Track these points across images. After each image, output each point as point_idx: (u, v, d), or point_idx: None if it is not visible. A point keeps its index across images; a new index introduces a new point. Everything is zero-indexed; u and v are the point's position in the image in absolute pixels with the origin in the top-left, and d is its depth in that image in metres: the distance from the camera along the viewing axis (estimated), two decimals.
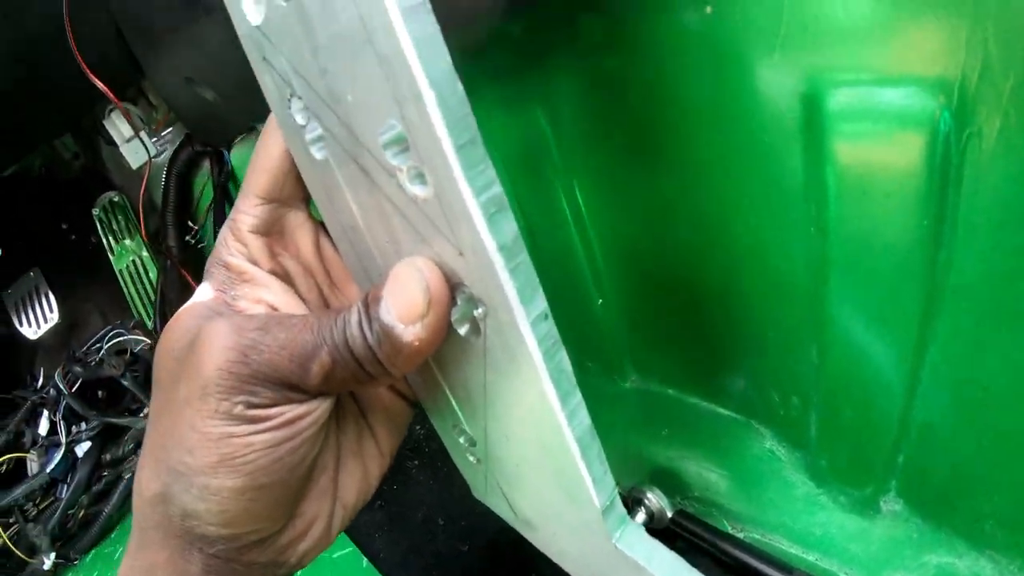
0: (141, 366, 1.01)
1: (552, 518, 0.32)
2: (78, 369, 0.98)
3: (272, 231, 0.30)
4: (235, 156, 1.07)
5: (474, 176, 0.20)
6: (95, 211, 1.14)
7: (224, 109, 0.79)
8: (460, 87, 0.20)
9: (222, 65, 0.69)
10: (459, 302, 0.24)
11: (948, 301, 0.37)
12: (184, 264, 1.12)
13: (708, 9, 0.36)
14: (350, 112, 0.23)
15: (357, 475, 0.33)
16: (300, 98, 0.25)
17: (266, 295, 0.30)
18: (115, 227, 1.15)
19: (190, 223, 1.10)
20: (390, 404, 0.34)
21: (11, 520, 0.99)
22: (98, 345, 1.03)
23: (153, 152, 0.98)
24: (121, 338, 1.01)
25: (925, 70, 0.31)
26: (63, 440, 0.96)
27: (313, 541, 0.31)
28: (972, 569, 0.45)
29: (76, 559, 0.97)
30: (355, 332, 0.24)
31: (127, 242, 1.16)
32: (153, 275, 1.17)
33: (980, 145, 0.32)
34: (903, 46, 0.32)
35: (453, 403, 0.30)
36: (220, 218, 1.08)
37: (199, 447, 0.25)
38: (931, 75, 0.31)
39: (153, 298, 1.16)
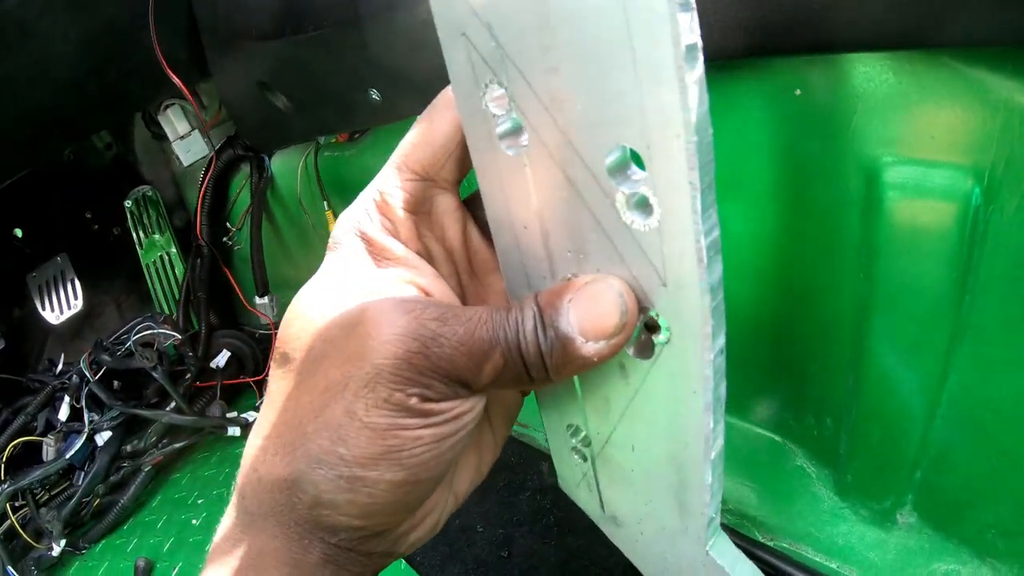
0: (165, 361, 1.09)
1: (646, 519, 0.35)
2: (106, 357, 1.07)
3: (420, 210, 0.31)
4: (276, 163, 1.19)
5: (706, 219, 0.22)
6: (127, 203, 1.24)
7: (292, 118, 0.90)
8: (711, 131, 0.21)
9: (306, 77, 0.80)
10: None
11: (968, 338, 0.50)
12: (215, 263, 1.22)
13: (797, 92, 0.49)
14: (574, 121, 0.24)
15: (472, 464, 0.34)
16: (504, 88, 0.25)
17: (418, 278, 0.29)
18: (146, 221, 1.25)
19: (228, 224, 1.20)
20: (509, 395, 0.35)
21: (17, 503, 1.06)
22: (124, 336, 1.11)
23: (209, 150, 1.08)
24: (150, 331, 1.10)
25: (964, 159, 0.45)
26: (86, 427, 1.04)
27: (426, 530, 0.31)
28: (974, 575, 0.57)
29: (85, 548, 1.04)
30: (529, 337, 0.25)
31: (156, 237, 1.26)
32: (179, 271, 1.26)
33: (1002, 217, 0.45)
34: (949, 139, 0.45)
35: (582, 407, 0.32)
36: (258, 222, 1.19)
37: (358, 437, 0.25)
38: (968, 162, 0.45)
39: (178, 295, 1.25)
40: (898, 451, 0.57)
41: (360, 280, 0.29)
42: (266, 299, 1.22)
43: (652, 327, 0.26)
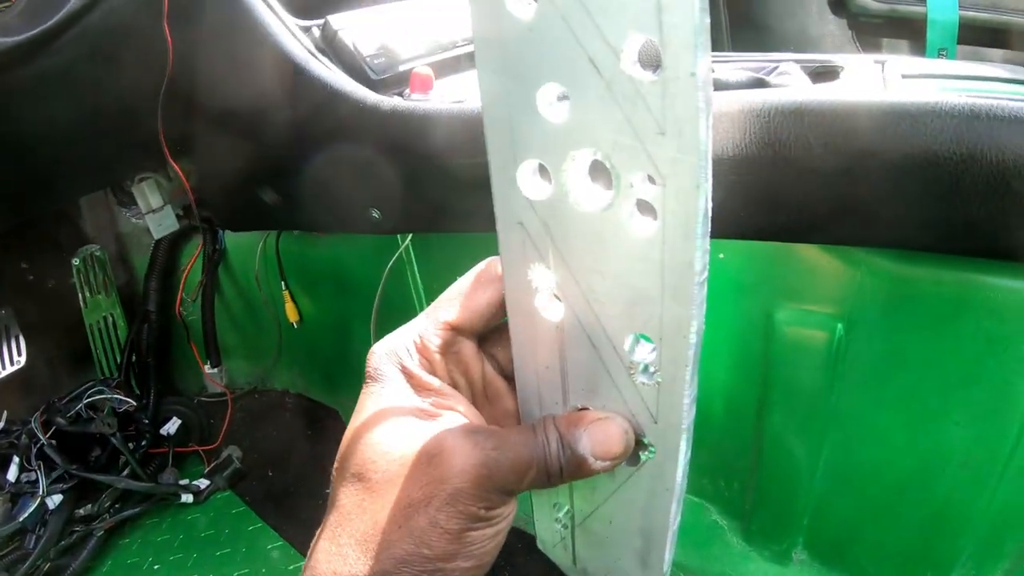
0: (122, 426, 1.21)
1: (613, 573, 0.45)
2: (60, 420, 1.17)
3: (449, 352, 0.40)
4: (228, 237, 1.35)
5: (692, 386, 0.33)
6: (75, 261, 1.35)
7: (276, 210, 1.08)
8: (703, 333, 0.32)
9: (309, 185, 0.99)
10: None
11: (835, 422, 0.76)
12: (163, 330, 1.35)
13: (721, 256, 0.75)
14: (606, 310, 0.33)
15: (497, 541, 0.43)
16: (550, 271, 0.34)
17: (455, 405, 0.39)
18: (92, 280, 1.36)
19: (183, 295, 1.34)
20: None
21: None
22: (76, 399, 1.22)
23: (177, 225, 1.23)
24: (103, 396, 1.21)
25: (833, 305, 0.72)
26: (42, 490, 1.14)
27: None
28: None
29: None
30: (554, 456, 0.36)
31: (101, 297, 1.37)
32: (122, 333, 1.38)
33: (856, 342, 0.72)
34: (821, 292, 0.72)
35: (571, 492, 0.43)
36: (211, 294, 1.34)
37: (439, 540, 0.34)
38: (835, 308, 0.71)
39: (119, 357, 1.37)
40: (790, 504, 0.83)
41: (414, 407, 0.38)
42: (216, 370, 1.36)
43: (640, 446, 0.37)
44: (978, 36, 1.82)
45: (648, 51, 0.27)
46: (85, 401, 1.21)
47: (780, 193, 0.63)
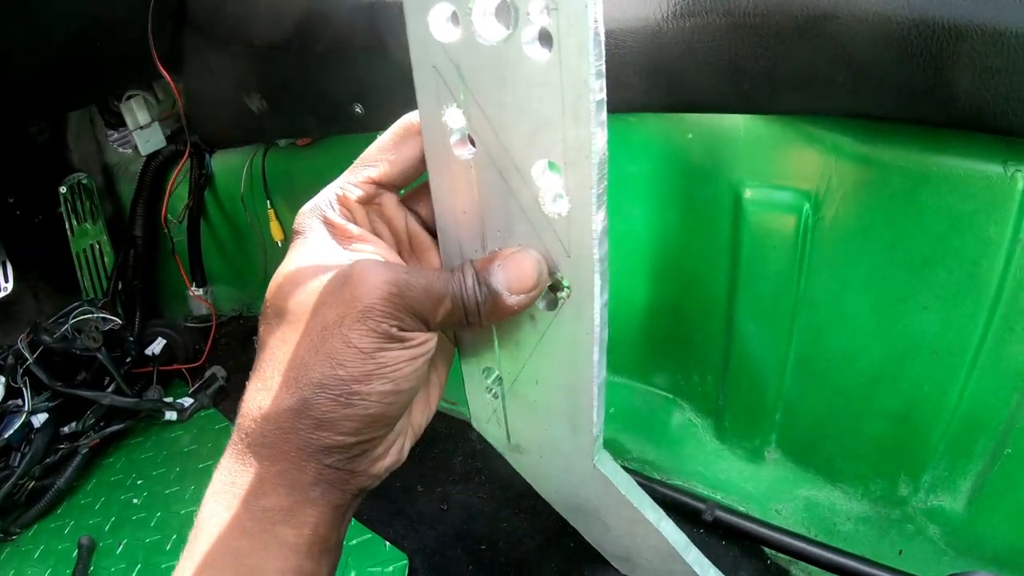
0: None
1: (545, 444, 0.49)
2: (46, 338, 1.21)
3: (371, 204, 0.43)
4: (216, 161, 1.39)
5: (598, 212, 0.36)
6: (62, 189, 1.39)
7: (263, 120, 1.11)
8: (607, 155, 0.35)
9: (296, 87, 1.02)
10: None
11: (803, 307, 0.78)
12: (150, 254, 1.39)
13: (689, 136, 0.77)
14: (513, 140, 0.36)
15: (424, 400, 0.47)
16: (461, 109, 0.37)
17: (378, 250, 0.42)
18: (79, 208, 1.40)
19: (169, 217, 1.38)
20: (447, 344, 0.48)
21: None
22: (62, 319, 1.26)
23: (164, 143, 1.27)
24: (90, 315, 1.25)
25: (799, 184, 0.73)
26: (26, 407, 1.18)
27: (394, 457, 0.43)
28: (829, 499, 0.85)
29: (16, 533, 1.18)
30: (469, 291, 0.38)
31: (88, 225, 1.42)
32: (109, 261, 1.42)
33: (823, 224, 0.74)
34: (789, 171, 0.74)
35: (497, 351, 0.45)
36: (197, 217, 1.37)
37: (354, 360, 0.36)
38: (802, 187, 0.73)
39: (106, 284, 1.41)
40: (762, 398, 0.86)
41: (334, 251, 0.40)
42: (202, 290, 1.40)
43: (556, 287, 0.40)
44: None
45: None
46: (72, 321, 1.25)
47: (741, 60, 0.65)
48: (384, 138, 0.43)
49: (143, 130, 1.27)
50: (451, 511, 1.00)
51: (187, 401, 1.31)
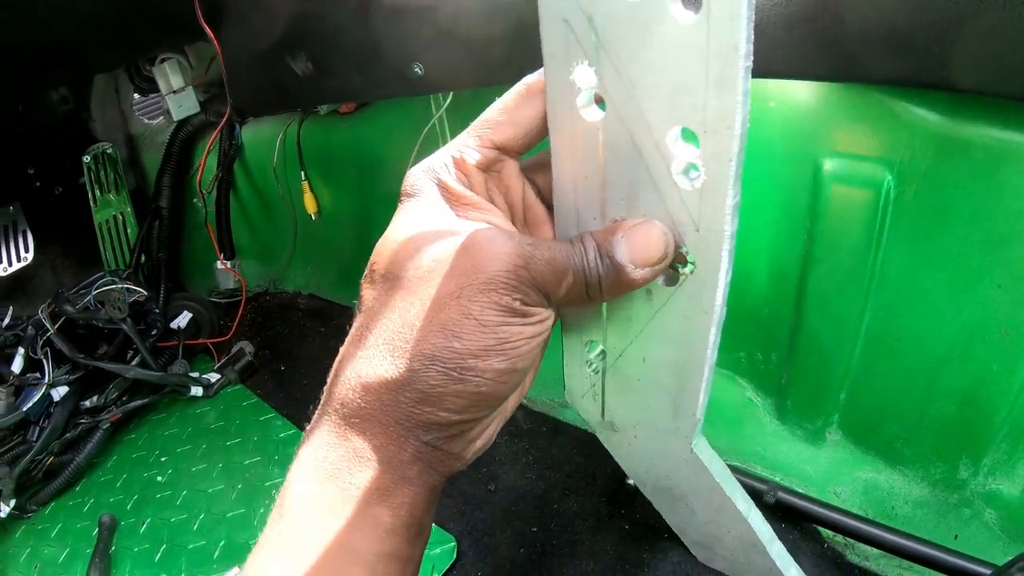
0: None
1: (642, 423, 0.47)
2: (69, 308, 1.21)
3: (490, 170, 0.42)
4: (246, 132, 1.39)
5: (735, 188, 0.34)
6: (86, 159, 1.40)
7: (307, 83, 1.10)
8: (748, 127, 0.33)
9: (346, 44, 1.00)
10: None
11: (877, 284, 0.78)
12: (175, 226, 1.39)
13: (771, 104, 0.77)
14: (650, 103, 0.35)
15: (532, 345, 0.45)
16: (593, 68, 0.36)
17: (491, 219, 0.40)
18: (103, 179, 1.40)
19: (199, 189, 1.38)
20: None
21: None
22: (84, 290, 1.25)
23: (198, 109, 1.26)
24: (114, 286, 1.25)
25: (881, 157, 0.73)
26: (47, 379, 1.18)
27: (485, 440, 0.42)
28: (888, 481, 0.86)
29: (33, 511, 1.17)
30: (592, 264, 0.37)
31: (112, 196, 1.42)
32: (132, 232, 1.42)
33: (903, 198, 0.73)
34: (871, 143, 0.74)
35: (605, 325, 0.44)
36: (227, 189, 1.37)
37: (472, 332, 0.35)
38: (884, 160, 0.73)
39: (128, 256, 1.41)
40: (827, 377, 0.85)
41: (450, 217, 0.39)
42: (231, 262, 1.39)
43: (679, 261, 0.38)
44: None
45: None
46: (95, 292, 1.25)
47: (835, 24, 0.65)
48: (506, 98, 0.42)
49: (176, 94, 1.27)
50: (498, 492, 1.00)
51: (214, 376, 1.31)
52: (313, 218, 1.33)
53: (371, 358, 0.37)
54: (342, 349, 0.39)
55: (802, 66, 0.68)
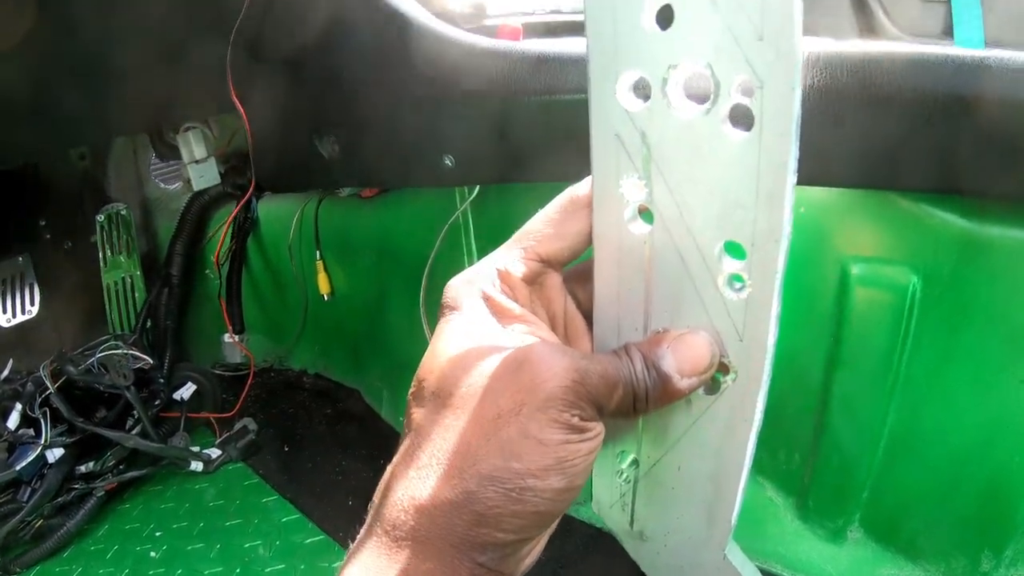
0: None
1: (673, 532, 0.47)
2: (71, 368, 1.22)
3: (534, 283, 0.43)
4: (262, 206, 1.44)
5: (778, 299, 0.36)
6: (100, 218, 1.44)
7: (333, 165, 1.16)
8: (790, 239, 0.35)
9: (378, 131, 1.07)
10: None
11: (901, 382, 0.83)
12: (185, 295, 1.42)
13: (802, 209, 0.84)
14: (698, 218, 0.37)
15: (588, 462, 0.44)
16: (643, 182, 0.38)
17: (537, 331, 0.41)
18: (115, 239, 1.44)
19: (215, 260, 1.43)
20: None
21: None
22: (88, 352, 1.27)
23: (219, 180, 1.32)
24: (119, 351, 1.27)
25: (908, 261, 0.80)
26: (43, 439, 1.18)
27: (534, 557, 0.41)
28: None
29: (16, 572, 1.16)
30: (639, 376, 0.38)
31: (122, 258, 1.45)
32: (140, 296, 1.45)
33: (928, 298, 0.80)
34: (897, 247, 0.80)
35: (639, 433, 0.45)
36: (240, 262, 1.42)
37: (532, 452, 0.35)
38: (910, 264, 0.80)
39: (134, 320, 1.43)
40: (850, 476, 0.90)
41: (498, 332, 0.40)
42: (239, 336, 1.42)
43: (722, 370, 0.40)
44: None
45: None
46: (99, 355, 1.27)
47: (871, 137, 0.72)
48: (549, 211, 0.43)
49: (198, 164, 1.32)
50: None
51: (215, 452, 1.32)
52: (326, 299, 1.37)
53: (425, 478, 0.37)
54: (390, 468, 0.39)
55: (829, 173, 0.75)
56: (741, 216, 0.36)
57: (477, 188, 1.10)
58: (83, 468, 1.22)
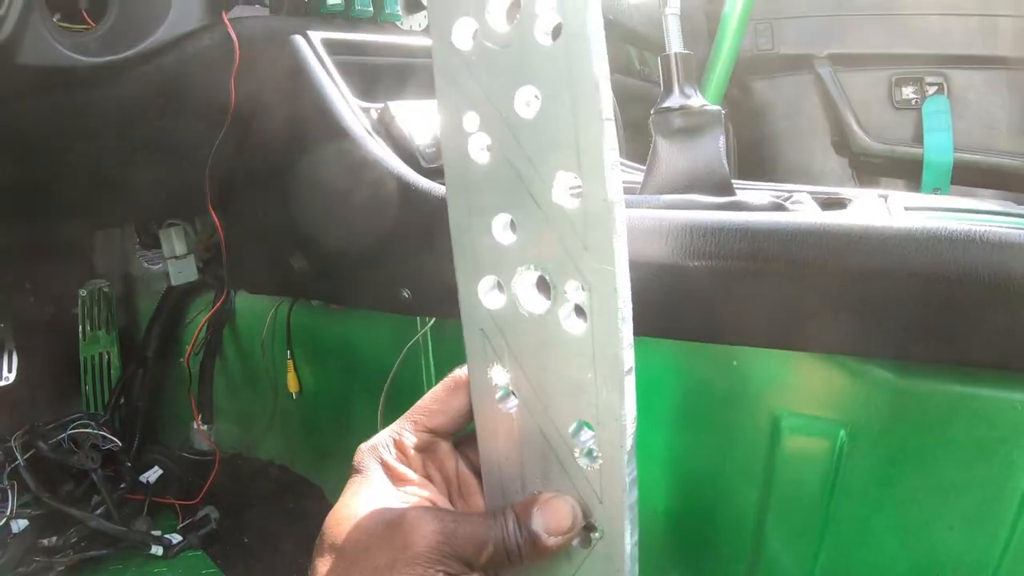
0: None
1: None
2: (42, 444, 1.27)
3: (426, 450, 0.50)
4: (240, 299, 1.50)
5: (629, 468, 0.42)
6: (82, 292, 1.49)
7: (300, 278, 1.21)
8: (635, 416, 0.42)
9: (343, 259, 1.12)
10: None
11: (833, 527, 0.88)
12: (160, 378, 1.47)
13: (734, 363, 0.89)
14: (551, 400, 0.43)
15: None
16: (505, 369, 0.45)
17: (428, 494, 0.48)
18: (95, 315, 1.49)
19: (187, 355, 1.49)
20: None
21: None
22: (60, 428, 1.32)
23: (196, 276, 1.38)
24: (88, 429, 1.32)
25: (838, 414, 0.85)
26: (9, 510, 1.22)
27: None
28: None
29: None
30: (511, 535, 0.44)
31: (101, 333, 1.50)
32: (115, 373, 1.50)
33: (858, 450, 0.85)
34: (825, 401, 0.86)
35: None
36: (213, 352, 1.49)
37: None
38: (841, 416, 0.85)
39: (106, 397, 1.48)
40: None
41: (389, 494, 0.47)
42: (207, 427, 1.47)
43: (590, 528, 0.45)
44: (971, 176, 2.09)
45: (574, 184, 0.39)
46: (69, 431, 1.32)
47: (797, 304, 0.78)
48: (437, 390, 0.51)
49: (178, 260, 1.40)
50: None
51: (175, 537, 1.35)
52: (294, 396, 1.43)
53: None
54: None
55: (767, 337, 0.82)
56: (586, 400, 0.42)
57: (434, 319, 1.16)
58: (45, 542, 1.26)
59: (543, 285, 0.42)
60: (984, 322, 0.70)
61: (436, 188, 0.98)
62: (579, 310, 0.40)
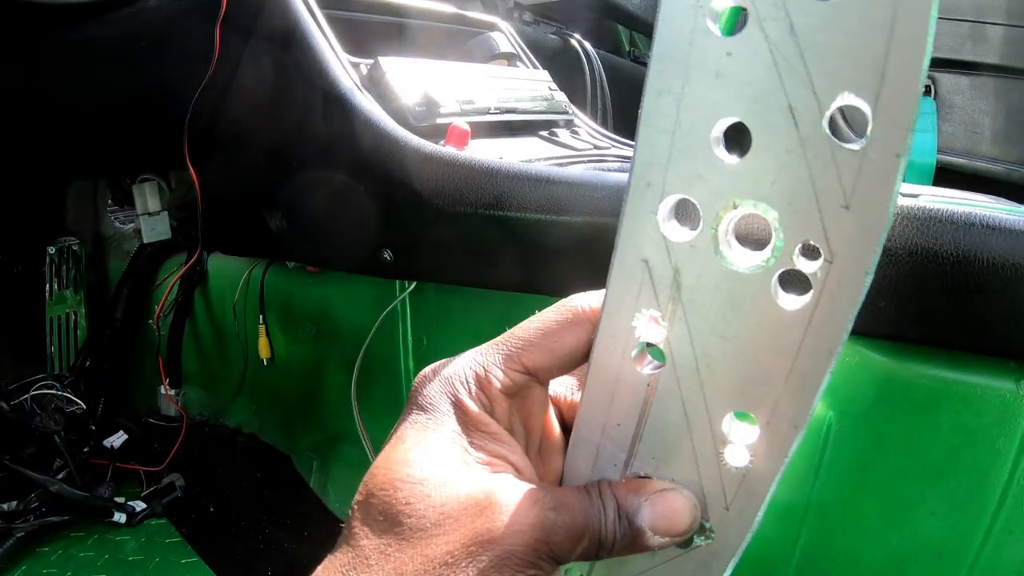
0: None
1: None
2: (3, 405, 1.25)
3: (515, 394, 0.39)
4: (212, 261, 1.49)
5: (776, 483, 0.35)
6: (51, 249, 1.47)
7: (277, 238, 1.19)
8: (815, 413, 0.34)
9: (323, 217, 1.11)
10: None
11: (816, 510, 0.89)
12: (127, 340, 1.45)
13: None
14: (715, 379, 0.34)
15: None
16: (662, 324, 0.35)
17: (509, 455, 0.38)
18: (63, 273, 1.47)
19: (157, 316, 1.47)
20: None
21: None
22: (22, 389, 1.29)
23: (170, 234, 1.35)
24: (51, 391, 1.29)
25: (827, 395, 0.84)
26: None
27: None
28: None
29: None
30: (610, 527, 0.36)
31: (68, 293, 1.47)
32: (81, 334, 1.47)
33: (844, 433, 0.85)
34: None
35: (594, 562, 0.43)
36: (183, 315, 1.47)
37: None
38: (829, 398, 0.85)
39: (73, 357, 1.45)
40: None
41: (463, 450, 0.37)
42: (175, 391, 1.45)
43: (699, 530, 0.37)
44: (952, 180, 2.14)
45: (854, 116, 0.30)
46: (32, 392, 1.30)
47: None
48: (547, 321, 0.40)
49: (150, 217, 1.37)
50: None
51: (139, 505, 1.34)
52: (265, 363, 1.41)
53: None
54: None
55: None
56: (765, 391, 0.33)
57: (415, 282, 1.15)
58: (5, 507, 1.24)
59: (757, 229, 0.35)
60: (977, 306, 0.71)
61: (425, 146, 0.97)
62: (802, 280, 0.31)
